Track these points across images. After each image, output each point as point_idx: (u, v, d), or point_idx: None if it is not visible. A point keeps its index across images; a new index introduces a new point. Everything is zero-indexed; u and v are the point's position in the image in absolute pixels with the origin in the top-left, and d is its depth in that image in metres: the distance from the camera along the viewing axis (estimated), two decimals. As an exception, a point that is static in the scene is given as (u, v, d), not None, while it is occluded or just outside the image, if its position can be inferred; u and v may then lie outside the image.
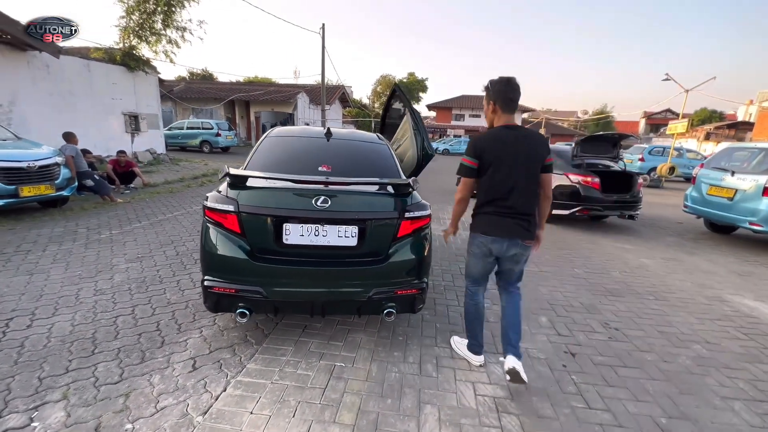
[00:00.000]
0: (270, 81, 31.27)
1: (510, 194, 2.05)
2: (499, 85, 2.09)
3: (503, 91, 2.08)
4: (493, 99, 2.11)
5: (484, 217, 2.17)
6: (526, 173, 2.05)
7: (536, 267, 4.30)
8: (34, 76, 9.18)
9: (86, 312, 2.68)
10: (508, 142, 2.04)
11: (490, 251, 2.15)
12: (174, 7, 11.64)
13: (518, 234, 2.08)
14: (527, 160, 2.04)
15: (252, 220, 2.14)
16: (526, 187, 2.06)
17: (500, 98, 2.09)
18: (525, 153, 2.04)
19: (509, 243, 2.09)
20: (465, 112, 47.81)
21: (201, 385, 2.01)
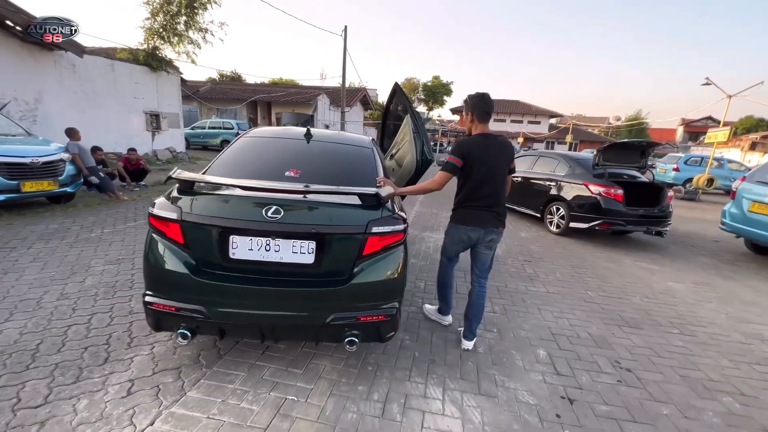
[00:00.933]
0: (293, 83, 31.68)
1: (486, 192, 2.44)
2: (476, 99, 2.47)
3: (479, 105, 2.46)
4: (471, 111, 2.49)
5: (464, 211, 2.54)
6: (499, 174, 2.47)
7: (543, 287, 3.87)
8: (60, 75, 9.50)
9: (41, 319, 2.53)
10: (486, 148, 2.42)
11: (469, 238, 2.55)
12: (196, 9, 11.85)
13: (493, 224, 2.51)
14: (500, 163, 2.47)
15: (196, 230, 1.90)
16: (498, 186, 2.48)
17: (477, 111, 2.47)
18: (498, 158, 2.46)
19: (485, 231, 2.50)
20: (490, 117, 46.77)
21: (128, 415, 1.78)
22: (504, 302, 3.43)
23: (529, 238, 5.94)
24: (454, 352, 2.55)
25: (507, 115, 45.79)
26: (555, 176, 6.48)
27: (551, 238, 5.99)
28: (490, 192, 2.44)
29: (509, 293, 3.65)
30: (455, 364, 2.41)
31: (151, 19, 11.64)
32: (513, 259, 4.75)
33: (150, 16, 11.61)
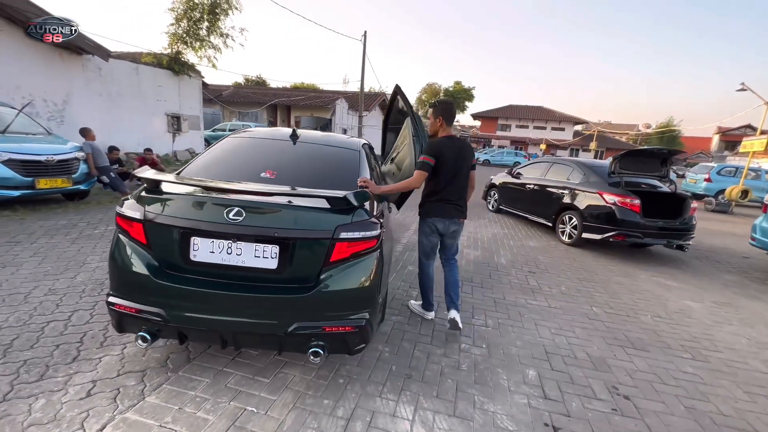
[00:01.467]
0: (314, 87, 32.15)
1: (452, 187, 2.75)
2: (445, 105, 2.81)
3: (447, 110, 2.78)
4: (441, 115, 2.76)
5: (430, 204, 2.81)
6: (462, 172, 2.76)
7: (545, 300, 3.65)
8: (87, 78, 9.95)
9: (23, 314, 2.56)
10: (453, 149, 2.70)
11: (437, 229, 2.82)
12: (218, 15, 12.19)
13: (456, 215, 2.81)
14: (463, 162, 2.75)
15: (158, 230, 1.85)
16: (462, 182, 2.79)
17: (445, 115, 2.76)
18: (462, 157, 2.74)
19: (449, 222, 2.80)
20: (512, 123, 45.96)
21: (80, 419, 1.73)
22: (499, 315, 3.24)
23: (538, 247, 5.67)
24: (433, 367, 2.40)
25: (530, 121, 44.86)
26: (568, 184, 6.19)
27: (562, 249, 5.70)
28: (456, 187, 2.76)
29: (506, 306, 3.45)
30: (433, 381, 2.26)
31: (175, 24, 12.05)
32: (517, 270, 4.53)
33: (174, 22, 12.03)
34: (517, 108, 46.44)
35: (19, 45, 8.33)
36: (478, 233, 6.24)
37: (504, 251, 5.31)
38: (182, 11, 11.83)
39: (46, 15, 8.10)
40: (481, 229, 6.55)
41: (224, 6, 12.05)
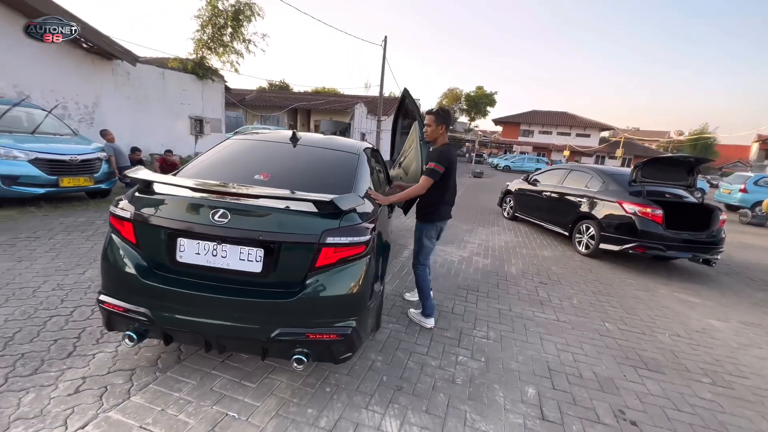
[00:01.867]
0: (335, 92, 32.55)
1: (452, 191, 2.91)
2: (447, 114, 2.86)
3: (448, 118, 2.84)
4: (444, 123, 2.81)
5: (438, 208, 2.86)
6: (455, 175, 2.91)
7: (553, 313, 3.48)
8: (116, 82, 10.40)
9: (29, 307, 2.64)
10: (455, 156, 2.82)
11: (440, 230, 2.95)
12: (241, 21, 12.53)
13: (450, 215, 2.97)
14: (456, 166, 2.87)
15: (146, 230, 1.86)
16: (455, 185, 2.95)
17: (447, 123, 2.82)
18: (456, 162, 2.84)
19: (446, 222, 2.96)
20: (534, 128, 45.03)
21: (65, 415, 1.75)
22: (502, 328, 3.11)
23: (552, 257, 5.46)
24: (426, 380, 2.31)
25: (553, 127, 43.81)
26: (587, 192, 5.94)
27: (577, 260, 5.46)
28: (454, 190, 2.93)
29: (511, 318, 3.31)
30: (424, 395, 2.17)
31: (200, 30, 12.47)
32: (527, 281, 4.36)
33: (200, 28, 12.46)
34: (541, 113, 45.46)
35: (55, 50, 8.81)
36: (490, 241, 6.07)
37: (515, 260, 5.14)
38: (207, 18, 12.24)
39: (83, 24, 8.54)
40: (493, 237, 6.37)
41: (247, 13, 12.38)
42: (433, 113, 2.80)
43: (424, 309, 2.98)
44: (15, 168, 4.98)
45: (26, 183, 5.07)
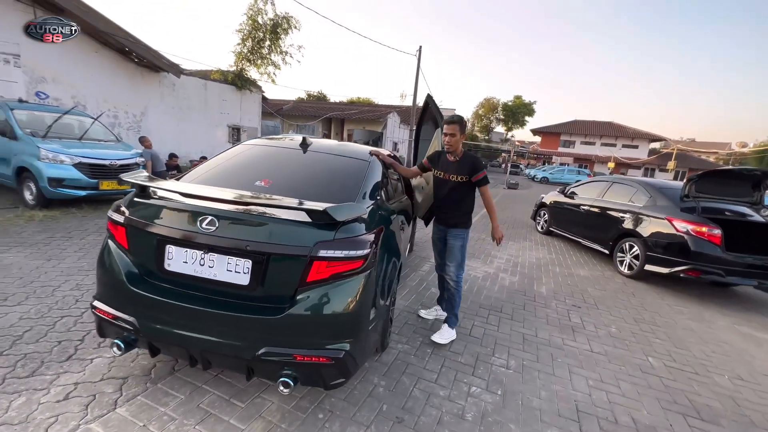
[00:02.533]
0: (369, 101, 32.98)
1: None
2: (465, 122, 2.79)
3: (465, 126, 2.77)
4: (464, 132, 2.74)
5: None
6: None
7: (586, 343, 3.10)
8: (162, 93, 11.09)
9: (45, 306, 2.71)
10: None
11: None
12: (279, 34, 13.01)
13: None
14: None
15: (137, 236, 1.81)
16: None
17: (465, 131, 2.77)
18: None
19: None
20: (576, 139, 42.96)
21: (47, 424, 1.70)
22: (525, 356, 2.79)
23: (589, 278, 4.98)
24: (431, 412, 2.06)
25: (597, 138, 41.56)
26: (631, 207, 5.40)
27: (619, 282, 4.94)
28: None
29: (536, 345, 2.98)
30: (427, 430, 1.93)
31: (241, 44, 13.08)
32: (558, 303, 3.96)
33: (241, 42, 13.07)
34: (583, 123, 43.37)
35: (110, 64, 9.55)
36: (520, 257, 5.67)
37: (547, 279, 4.73)
38: (248, 32, 12.81)
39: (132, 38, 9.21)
40: (524, 252, 5.96)
41: (285, 26, 12.83)
42: (456, 122, 2.70)
43: (453, 318, 2.88)
44: (61, 171, 5.32)
45: (70, 185, 5.39)
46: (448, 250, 2.83)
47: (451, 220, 2.81)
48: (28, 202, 5.43)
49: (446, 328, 2.86)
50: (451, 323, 2.87)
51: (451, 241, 2.81)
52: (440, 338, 2.80)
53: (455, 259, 2.80)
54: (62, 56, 8.52)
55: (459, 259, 2.80)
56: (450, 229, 2.82)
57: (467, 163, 2.70)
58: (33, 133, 5.52)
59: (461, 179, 2.70)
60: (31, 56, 8.02)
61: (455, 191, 2.74)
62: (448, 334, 2.84)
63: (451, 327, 2.87)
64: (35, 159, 5.20)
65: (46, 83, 8.33)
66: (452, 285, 2.83)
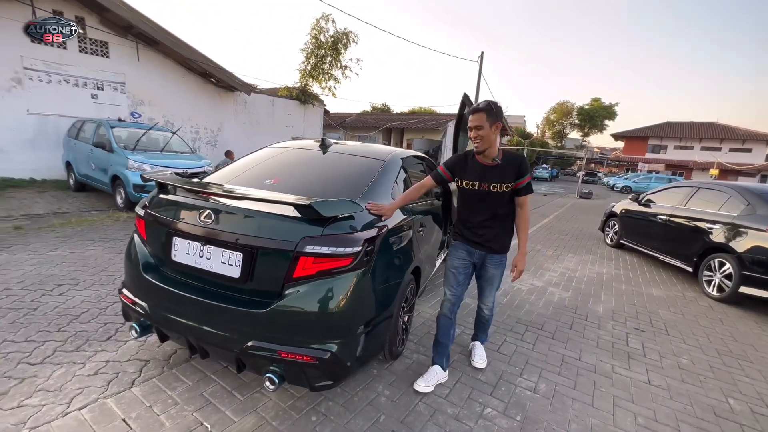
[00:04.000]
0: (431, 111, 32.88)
1: None
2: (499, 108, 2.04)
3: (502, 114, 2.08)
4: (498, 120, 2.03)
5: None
6: None
7: (644, 373, 2.61)
8: (236, 110, 12.30)
9: (104, 292, 3.08)
10: None
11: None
12: (339, 49, 13.67)
13: None
14: None
15: (153, 228, 1.96)
16: None
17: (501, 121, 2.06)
18: None
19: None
20: (668, 143, 37.91)
21: (74, 393, 1.90)
22: (560, 380, 2.43)
23: (663, 298, 4.24)
24: (433, 430, 1.88)
25: (695, 141, 36.18)
26: (721, 217, 4.52)
27: (704, 305, 4.13)
28: None
29: (577, 369, 2.58)
30: (423, 449, 1.76)
31: (305, 62, 14.01)
32: (617, 324, 3.43)
33: (305, 59, 14.00)
34: (677, 125, 38.15)
35: (193, 86, 10.89)
36: (578, 271, 5.07)
37: (606, 297, 4.14)
38: (311, 50, 13.69)
39: (212, 63, 10.41)
40: (583, 267, 5.32)
41: (344, 41, 13.44)
42: (483, 109, 1.98)
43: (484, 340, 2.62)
44: (143, 179, 6.14)
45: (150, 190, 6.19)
46: (488, 280, 2.29)
47: (497, 244, 2.19)
48: (118, 205, 6.35)
49: (478, 346, 2.56)
50: (482, 340, 2.61)
51: (492, 270, 2.24)
52: (480, 360, 2.48)
53: (495, 290, 2.36)
54: (156, 82, 9.94)
55: (497, 287, 2.37)
56: (492, 256, 2.21)
57: (513, 166, 2.05)
58: (125, 147, 6.48)
59: (506, 188, 2.05)
60: (133, 84, 9.49)
61: (499, 205, 2.11)
62: (483, 352, 2.54)
63: (483, 343, 2.60)
64: (125, 168, 6.08)
65: (143, 105, 9.77)
66: (487, 313, 2.46)
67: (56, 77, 8.27)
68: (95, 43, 8.79)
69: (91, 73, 8.76)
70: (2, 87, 7.63)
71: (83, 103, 8.70)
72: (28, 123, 8.05)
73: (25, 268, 3.45)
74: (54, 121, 8.29)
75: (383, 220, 1.98)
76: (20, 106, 7.89)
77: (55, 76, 8.25)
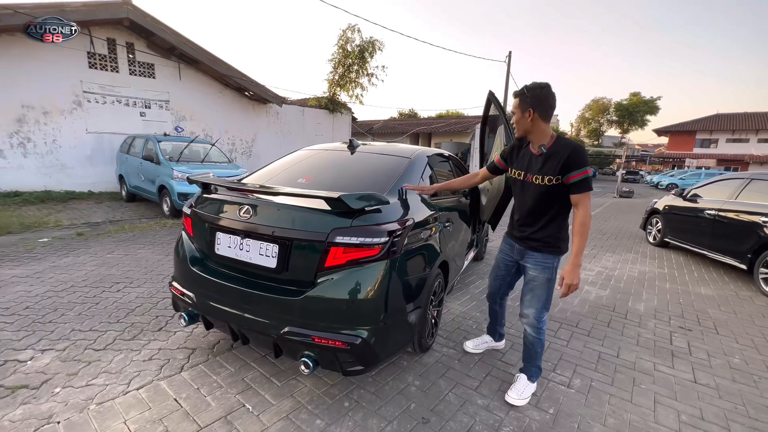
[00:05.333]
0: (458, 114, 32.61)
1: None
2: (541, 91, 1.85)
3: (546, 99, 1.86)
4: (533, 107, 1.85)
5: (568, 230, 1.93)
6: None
7: (689, 371, 2.48)
8: (269, 121, 12.85)
9: (155, 289, 3.35)
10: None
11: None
12: (366, 58, 13.96)
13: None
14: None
15: (198, 224, 2.14)
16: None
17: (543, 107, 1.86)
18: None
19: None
20: (719, 136, 35.22)
21: (132, 376, 2.10)
22: (596, 376, 2.36)
23: (713, 297, 3.98)
24: (463, 419, 1.90)
25: (752, 134, 33.37)
26: (778, 209, 4.19)
27: (760, 304, 3.83)
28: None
29: (615, 366, 2.50)
30: (453, 436, 1.78)
31: (333, 72, 14.42)
32: (660, 322, 3.26)
33: (333, 69, 14.41)
34: (729, 117, 35.40)
35: (230, 100, 11.52)
36: (617, 270, 4.85)
37: (649, 295, 3.94)
38: (338, 60, 14.08)
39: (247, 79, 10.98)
40: (623, 265, 5.08)
41: (370, 50, 13.72)
42: (517, 95, 1.87)
43: (535, 375, 2.12)
44: (187, 187, 6.56)
45: (192, 199, 6.63)
46: (527, 284, 2.02)
47: (537, 243, 1.95)
48: (165, 213, 6.83)
49: (523, 379, 2.10)
50: (532, 375, 2.11)
51: (532, 272, 1.98)
52: (517, 397, 2.02)
53: (537, 300, 1.98)
54: (196, 99, 10.63)
55: (543, 300, 1.98)
56: (531, 253, 1.98)
57: (558, 157, 1.79)
58: (170, 158, 6.98)
59: (548, 182, 1.83)
60: (176, 101, 10.21)
61: (543, 200, 1.89)
62: (526, 388, 2.07)
63: (530, 380, 2.10)
64: (170, 178, 6.55)
65: (185, 120, 10.47)
66: (531, 333, 2.04)
67: (110, 98, 9.07)
68: (143, 65, 9.57)
69: (139, 93, 9.52)
70: (65, 110, 8.48)
71: (133, 121, 9.47)
72: (87, 141, 8.87)
73: (87, 268, 3.82)
74: (108, 138, 9.08)
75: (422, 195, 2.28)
76: (80, 126, 8.73)
77: (109, 97, 9.05)
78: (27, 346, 2.35)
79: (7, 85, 7.73)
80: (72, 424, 1.72)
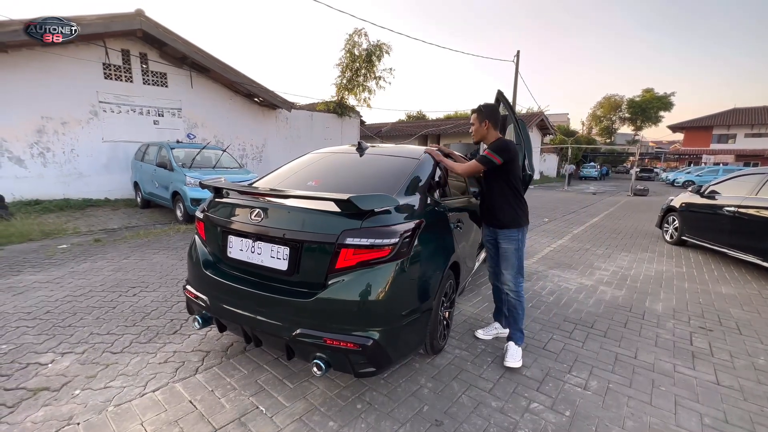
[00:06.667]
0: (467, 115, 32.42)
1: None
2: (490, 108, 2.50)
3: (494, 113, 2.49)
4: (488, 119, 2.46)
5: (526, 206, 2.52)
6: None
7: (710, 373, 2.41)
8: (278, 126, 13.00)
9: (170, 293, 3.41)
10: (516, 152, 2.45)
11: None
12: (373, 62, 14.04)
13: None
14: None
15: (210, 228, 2.17)
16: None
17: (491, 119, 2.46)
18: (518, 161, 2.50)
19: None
20: (737, 131, 34.30)
21: (148, 378, 2.14)
22: (613, 378, 2.31)
23: (734, 296, 3.85)
24: (477, 422, 1.88)
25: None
26: (801, 204, 4.05)
27: (785, 303, 3.70)
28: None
29: (633, 367, 2.44)
30: (468, 439, 1.76)
31: (341, 76, 14.53)
32: (679, 323, 3.18)
33: (340, 74, 14.52)
34: (747, 111, 34.44)
35: (240, 107, 11.69)
36: (633, 269, 4.74)
37: (666, 295, 3.84)
38: (346, 65, 14.18)
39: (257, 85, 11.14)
40: (639, 264, 4.97)
41: (378, 53, 13.78)
42: (474, 111, 2.49)
43: (520, 335, 2.49)
44: (199, 193, 6.68)
45: (205, 204, 6.74)
46: (501, 255, 2.50)
47: (497, 219, 2.47)
48: (178, 218, 6.95)
49: (512, 346, 2.46)
50: (517, 339, 2.47)
51: (503, 245, 2.46)
52: (512, 360, 2.39)
53: (511, 266, 2.45)
54: (207, 106, 10.82)
55: (516, 265, 2.44)
56: (500, 231, 2.47)
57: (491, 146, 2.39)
58: (183, 165, 7.11)
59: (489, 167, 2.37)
60: (188, 108, 10.41)
61: (492, 186, 2.44)
62: (516, 351, 2.44)
63: (517, 344, 2.46)
64: (183, 184, 6.66)
65: (197, 127, 10.66)
66: (512, 296, 2.47)
67: (125, 108, 9.30)
68: (156, 74, 9.79)
69: (153, 102, 9.74)
70: (82, 120, 8.72)
71: (147, 129, 9.68)
72: (103, 150, 9.10)
73: (104, 273, 3.91)
74: (123, 146, 9.30)
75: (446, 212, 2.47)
76: (96, 135, 8.96)
77: (123, 106, 9.27)
78: (48, 350, 2.41)
79: (28, 97, 7.99)
80: (91, 425, 1.76)
